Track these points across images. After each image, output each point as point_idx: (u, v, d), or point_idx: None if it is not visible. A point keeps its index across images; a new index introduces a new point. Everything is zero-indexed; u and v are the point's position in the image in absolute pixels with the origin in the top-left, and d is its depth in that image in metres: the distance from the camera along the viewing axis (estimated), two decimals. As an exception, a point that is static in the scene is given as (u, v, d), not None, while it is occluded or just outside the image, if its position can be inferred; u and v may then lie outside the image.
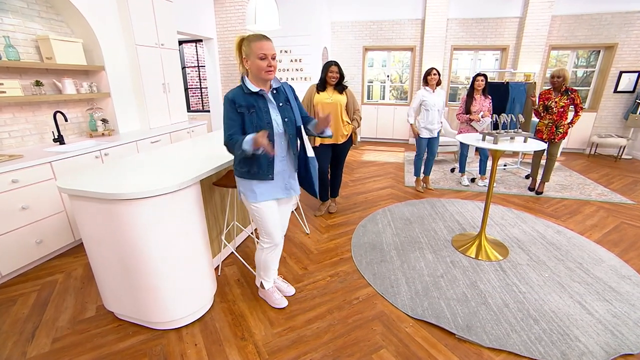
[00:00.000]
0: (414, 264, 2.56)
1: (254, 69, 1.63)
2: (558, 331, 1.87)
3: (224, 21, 5.78)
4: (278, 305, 2.08)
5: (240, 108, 1.64)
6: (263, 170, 1.73)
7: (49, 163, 2.54)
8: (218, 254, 2.55)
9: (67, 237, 2.73)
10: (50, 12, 3.06)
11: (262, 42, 1.59)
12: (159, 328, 1.91)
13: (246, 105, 1.64)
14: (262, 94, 1.67)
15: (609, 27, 5.91)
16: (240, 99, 1.64)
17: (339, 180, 3.53)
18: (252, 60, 1.60)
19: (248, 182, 1.78)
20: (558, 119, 3.79)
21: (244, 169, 1.75)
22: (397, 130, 7.45)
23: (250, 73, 1.67)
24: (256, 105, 1.66)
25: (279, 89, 1.76)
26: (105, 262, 1.80)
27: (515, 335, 1.84)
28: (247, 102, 1.65)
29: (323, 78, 3.08)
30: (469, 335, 1.84)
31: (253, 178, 1.75)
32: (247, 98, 1.65)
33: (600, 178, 4.85)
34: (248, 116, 1.65)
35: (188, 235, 1.83)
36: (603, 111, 6.32)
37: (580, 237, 3.00)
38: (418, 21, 6.71)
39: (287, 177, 1.85)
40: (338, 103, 3.09)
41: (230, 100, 1.64)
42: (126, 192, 1.58)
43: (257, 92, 1.66)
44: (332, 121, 3.11)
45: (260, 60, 1.59)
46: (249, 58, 1.61)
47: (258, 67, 1.61)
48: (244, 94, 1.66)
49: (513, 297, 2.17)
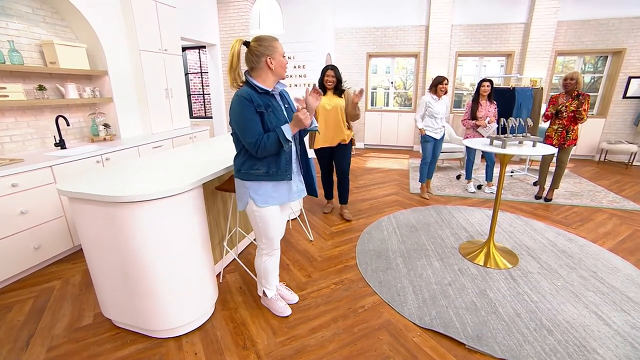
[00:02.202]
0: (420, 272, 2.51)
1: (278, 68, 1.66)
2: (574, 342, 1.81)
3: (228, 27, 5.86)
4: (281, 314, 2.04)
5: (259, 107, 1.61)
6: (282, 170, 1.72)
7: (50, 167, 2.54)
8: (220, 260, 2.52)
9: (66, 243, 2.72)
10: (55, 17, 3.11)
11: (280, 43, 1.68)
12: (158, 336, 1.88)
13: (264, 105, 1.63)
14: (273, 94, 1.70)
15: (616, 33, 5.91)
16: (256, 98, 1.62)
17: (346, 187, 3.50)
18: (278, 58, 1.64)
19: (261, 184, 1.73)
20: (568, 124, 3.75)
21: (260, 170, 1.70)
22: (401, 137, 7.44)
23: (268, 73, 1.65)
24: (271, 105, 1.66)
25: (282, 91, 1.79)
26: (105, 267, 1.78)
27: (529, 347, 1.78)
28: (264, 101, 1.64)
29: (320, 82, 3.17)
30: (479, 345, 1.79)
31: (271, 179, 1.72)
32: (262, 97, 1.65)
33: (611, 185, 4.78)
34: (267, 115, 1.63)
35: (190, 240, 1.81)
36: (612, 117, 6.28)
37: (593, 245, 2.94)
38: (422, 27, 6.76)
39: (297, 179, 1.86)
40: (338, 107, 3.15)
41: (248, 99, 1.58)
42: (127, 195, 1.56)
43: (269, 92, 1.67)
44: (332, 126, 3.18)
45: (283, 58, 1.66)
46: (274, 57, 1.63)
47: (283, 65, 1.67)
48: (258, 94, 1.64)
49: (525, 306, 2.11)
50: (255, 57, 1.63)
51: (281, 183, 1.77)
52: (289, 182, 1.79)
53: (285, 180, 1.75)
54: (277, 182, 1.75)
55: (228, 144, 2.89)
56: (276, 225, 1.85)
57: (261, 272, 2.01)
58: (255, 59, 1.63)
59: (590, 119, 6.24)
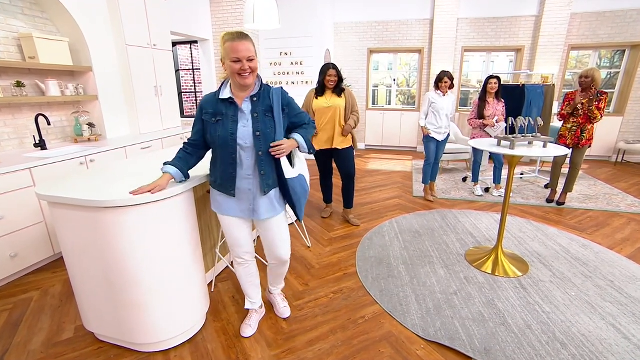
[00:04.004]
0: (424, 280, 2.51)
1: (228, 72, 1.57)
2: (590, 357, 1.80)
3: (221, 21, 5.89)
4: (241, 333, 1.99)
5: (205, 115, 1.65)
6: (225, 184, 1.71)
7: (28, 169, 2.54)
8: (212, 268, 2.51)
9: (45, 251, 2.71)
10: (35, 9, 3.12)
11: (235, 43, 1.49)
12: (144, 350, 1.87)
13: (213, 113, 1.62)
14: (233, 102, 1.61)
15: (634, 25, 5.93)
16: (209, 105, 1.64)
17: (351, 191, 3.51)
18: (227, 63, 1.54)
19: (214, 191, 1.81)
20: (584, 122, 3.76)
21: (211, 178, 1.79)
22: (404, 138, 7.47)
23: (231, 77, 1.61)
24: (224, 114, 1.60)
25: (260, 95, 1.63)
26: (87, 276, 1.77)
27: (540, 360, 1.78)
28: (216, 109, 1.62)
29: (321, 82, 3.18)
30: (487, 359, 1.78)
31: (217, 189, 1.77)
32: (218, 105, 1.62)
33: (629, 187, 4.80)
34: (212, 124, 1.62)
35: (179, 247, 1.81)
36: (630, 115, 6.31)
37: (610, 251, 2.94)
38: (426, 21, 6.80)
39: (252, 198, 1.72)
40: (337, 107, 3.18)
41: (200, 105, 1.68)
42: (112, 199, 1.56)
43: (227, 99, 1.60)
44: (328, 128, 3.22)
45: (233, 63, 1.52)
46: (224, 60, 1.56)
47: (231, 70, 1.53)
48: (217, 100, 1.63)
49: (536, 317, 2.11)
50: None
51: (228, 196, 1.74)
52: (236, 199, 1.73)
53: (229, 195, 1.72)
54: (223, 194, 1.75)
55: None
56: (232, 235, 1.84)
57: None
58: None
59: (606, 117, 6.26)
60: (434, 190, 4.41)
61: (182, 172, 1.73)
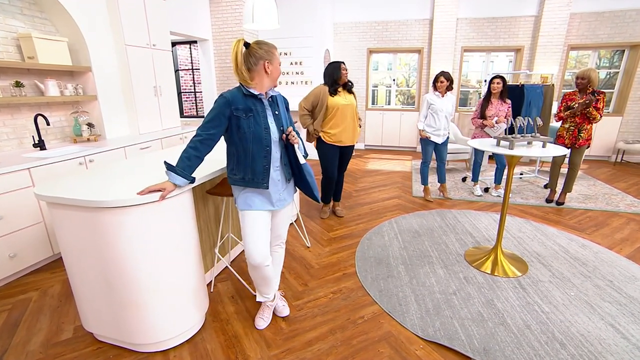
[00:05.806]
0: (423, 280, 2.51)
1: (275, 74, 1.78)
2: (589, 357, 1.80)
3: (220, 22, 5.89)
4: (256, 325, 2.06)
5: (236, 111, 1.68)
6: (258, 178, 1.75)
7: (27, 169, 2.54)
8: (211, 268, 2.52)
9: (44, 251, 2.71)
10: (34, 9, 3.12)
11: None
12: (143, 350, 1.87)
13: (244, 109, 1.69)
14: (260, 98, 1.75)
15: (634, 25, 5.94)
16: (238, 101, 1.69)
17: (341, 184, 3.75)
18: (275, 65, 1.77)
19: (240, 189, 1.83)
20: (581, 122, 3.76)
21: (237, 176, 1.79)
22: (404, 137, 7.47)
23: (264, 76, 1.74)
24: (254, 109, 1.71)
25: (274, 97, 1.84)
26: (86, 277, 1.77)
27: (539, 360, 1.78)
28: (246, 105, 1.70)
29: (337, 78, 3.22)
30: (486, 359, 1.79)
31: (247, 185, 1.78)
32: (246, 101, 1.71)
33: (629, 187, 4.80)
34: (245, 120, 1.69)
35: (178, 247, 1.81)
36: (629, 115, 6.32)
37: (609, 251, 2.95)
38: (426, 21, 6.81)
39: (280, 188, 1.87)
40: (353, 104, 3.34)
41: (228, 101, 1.68)
42: (111, 200, 1.56)
43: (256, 96, 1.72)
44: (350, 124, 3.29)
45: (279, 67, 1.80)
46: (272, 63, 1.75)
47: (278, 73, 1.80)
48: (243, 96, 1.71)
49: (535, 317, 2.11)
50: (254, 59, 1.72)
51: (258, 191, 1.80)
52: (267, 191, 1.81)
53: (262, 188, 1.77)
54: (253, 189, 1.80)
55: (220, 145, 2.88)
56: (255, 233, 1.83)
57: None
58: (254, 61, 1.72)
59: (605, 117, 6.28)
60: (446, 192, 4.37)
61: (187, 179, 1.71)
